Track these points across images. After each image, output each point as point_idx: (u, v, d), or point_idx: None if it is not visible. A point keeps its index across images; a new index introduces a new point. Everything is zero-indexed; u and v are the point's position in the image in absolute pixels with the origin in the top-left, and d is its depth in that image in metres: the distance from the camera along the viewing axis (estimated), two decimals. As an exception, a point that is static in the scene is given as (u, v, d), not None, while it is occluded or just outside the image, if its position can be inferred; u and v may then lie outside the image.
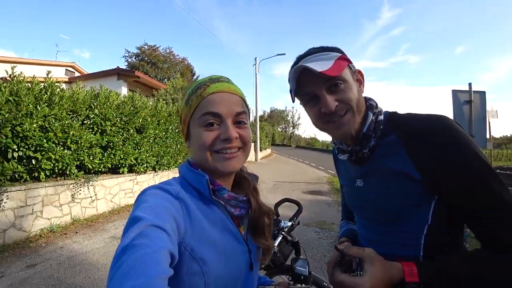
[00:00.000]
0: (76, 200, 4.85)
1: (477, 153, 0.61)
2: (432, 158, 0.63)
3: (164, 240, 0.45)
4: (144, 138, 6.55)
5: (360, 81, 0.76)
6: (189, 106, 0.65)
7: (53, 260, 3.36)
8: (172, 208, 0.53)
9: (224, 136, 0.61)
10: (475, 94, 4.06)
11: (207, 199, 0.63)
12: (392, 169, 0.69)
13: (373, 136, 0.73)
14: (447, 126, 0.64)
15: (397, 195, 0.69)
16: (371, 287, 0.60)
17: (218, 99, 0.63)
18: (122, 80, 13.07)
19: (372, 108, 0.75)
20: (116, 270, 0.39)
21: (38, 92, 4.29)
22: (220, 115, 0.62)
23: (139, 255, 0.40)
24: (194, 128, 0.65)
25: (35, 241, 3.93)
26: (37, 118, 4.04)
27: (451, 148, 0.61)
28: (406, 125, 0.70)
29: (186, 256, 0.54)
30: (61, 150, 4.44)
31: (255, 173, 0.79)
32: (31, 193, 4.09)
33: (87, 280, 2.91)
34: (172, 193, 0.57)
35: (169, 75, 28.84)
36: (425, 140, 0.64)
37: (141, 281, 0.36)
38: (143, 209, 0.50)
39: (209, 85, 0.64)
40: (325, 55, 0.70)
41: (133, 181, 6.37)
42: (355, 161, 0.77)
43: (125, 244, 0.42)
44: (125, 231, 0.46)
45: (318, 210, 5.66)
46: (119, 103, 6.01)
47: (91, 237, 4.20)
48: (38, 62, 14.94)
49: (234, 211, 0.66)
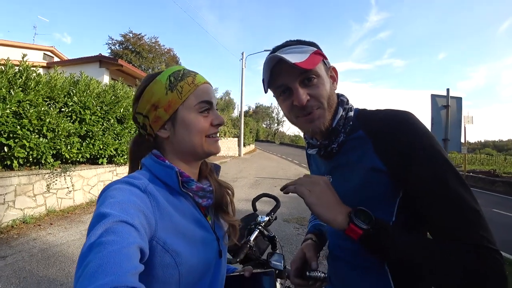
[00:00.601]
0: (51, 191, 4.69)
1: (437, 148, 0.63)
2: (396, 152, 0.64)
3: (133, 236, 0.44)
4: (125, 129, 6.40)
5: (334, 78, 0.77)
6: (178, 93, 0.65)
7: (25, 252, 3.24)
8: (140, 203, 0.52)
9: (217, 121, 0.69)
10: (452, 99, 4.22)
11: (175, 191, 0.64)
12: (359, 164, 0.71)
13: (342, 131, 0.74)
14: (410, 122, 0.65)
15: (363, 190, 0.70)
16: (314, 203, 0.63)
17: (207, 89, 0.70)
18: (104, 68, 12.61)
19: (343, 103, 0.76)
20: (84, 269, 0.37)
21: (12, 76, 4.08)
22: (212, 103, 0.69)
23: (107, 252, 0.39)
24: (187, 114, 0.66)
25: (6, 232, 3.77)
26: (10, 104, 3.85)
27: (413, 143, 0.63)
28: (372, 121, 0.71)
29: (158, 249, 0.54)
30: (36, 138, 4.26)
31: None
32: (2, 182, 3.91)
33: (60, 272, 2.83)
34: (140, 187, 0.56)
35: (154, 65, 28.15)
36: (389, 135, 0.66)
37: (111, 279, 0.35)
38: (109, 205, 0.48)
39: (195, 75, 0.69)
40: (301, 48, 0.71)
41: (112, 172, 6.23)
42: (324, 155, 0.78)
43: (92, 241, 0.41)
44: (91, 228, 0.44)
45: (298, 207, 5.77)
46: (100, 91, 5.83)
47: (67, 228, 4.08)
48: (14, 44, 14.14)
49: (202, 201, 0.68)
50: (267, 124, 69.11)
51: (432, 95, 4.24)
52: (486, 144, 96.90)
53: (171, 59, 31.00)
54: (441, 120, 4.20)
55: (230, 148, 20.17)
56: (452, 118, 4.23)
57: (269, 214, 1.56)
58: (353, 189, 0.72)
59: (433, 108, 4.21)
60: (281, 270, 1.22)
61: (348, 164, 0.74)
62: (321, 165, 0.84)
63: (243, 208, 4.84)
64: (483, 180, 12.42)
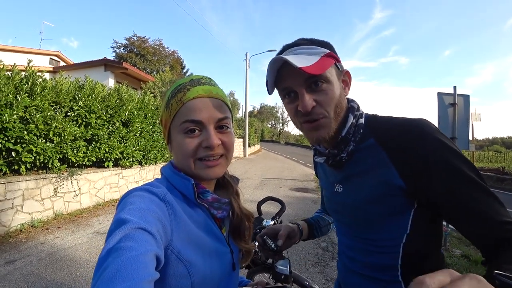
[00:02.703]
0: (59, 194, 4.73)
1: (462, 156, 0.60)
2: (416, 163, 0.60)
3: (150, 243, 0.44)
4: (131, 132, 6.43)
5: (346, 83, 0.72)
6: (169, 110, 0.63)
7: (34, 256, 3.27)
8: (158, 211, 0.53)
9: (206, 143, 0.61)
10: (459, 97, 4.14)
11: (191, 202, 0.63)
12: (371, 175, 0.67)
13: (352, 140, 0.70)
14: (429, 130, 0.62)
15: (376, 202, 0.66)
16: None
17: (199, 105, 0.61)
18: (110, 71, 12.74)
19: (353, 110, 0.71)
20: (101, 273, 0.38)
21: (18, 82, 4.13)
22: (201, 122, 0.61)
23: (125, 258, 0.39)
24: (175, 134, 0.64)
25: (15, 236, 3.81)
26: (17, 109, 3.89)
27: (435, 156, 0.59)
28: (386, 129, 0.67)
29: (173, 258, 0.54)
30: (42, 143, 4.30)
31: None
32: (10, 187, 3.96)
33: (68, 276, 2.85)
34: (159, 195, 0.56)
35: (158, 67, 28.28)
36: (408, 147, 0.62)
37: (127, 285, 0.36)
38: (128, 211, 0.49)
39: (190, 89, 0.62)
40: (312, 49, 0.66)
41: (118, 175, 6.26)
42: (333, 165, 0.74)
43: (110, 247, 0.41)
44: (110, 233, 0.45)
45: (305, 208, 5.72)
46: (104, 95, 5.87)
47: (74, 232, 4.11)
48: (21, 50, 14.35)
49: (217, 213, 0.67)
50: (272, 124, 69.05)
51: (439, 93, 4.17)
52: (495, 141, 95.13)
53: (176, 61, 31.14)
54: (448, 118, 4.12)
55: (235, 149, 20.09)
56: (460, 116, 4.15)
57: (275, 218, 1.54)
58: (366, 201, 0.69)
59: (439, 106, 4.14)
60: (287, 275, 1.20)
61: (360, 174, 0.70)
62: (330, 174, 0.81)
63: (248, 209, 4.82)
64: (491, 178, 12.19)
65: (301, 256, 3.44)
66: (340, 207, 0.78)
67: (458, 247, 3.83)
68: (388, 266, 0.69)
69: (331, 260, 3.33)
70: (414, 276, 0.62)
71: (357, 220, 0.73)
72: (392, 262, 0.68)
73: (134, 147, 6.50)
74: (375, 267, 0.69)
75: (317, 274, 2.99)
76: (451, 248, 3.78)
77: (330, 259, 3.37)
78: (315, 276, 2.94)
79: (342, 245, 0.83)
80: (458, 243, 4.04)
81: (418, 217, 0.65)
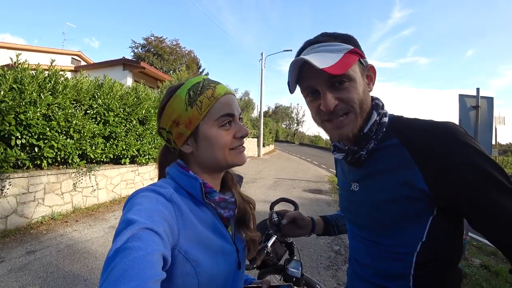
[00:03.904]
0: (77, 189, 4.90)
1: (491, 160, 0.57)
2: (442, 166, 0.57)
3: (157, 243, 0.45)
4: (147, 130, 6.57)
5: (371, 78, 0.70)
6: (198, 107, 0.64)
7: (53, 248, 3.40)
8: (165, 211, 0.53)
9: (241, 133, 0.67)
10: (483, 99, 3.96)
11: (198, 201, 0.64)
12: (392, 175, 0.64)
13: (373, 138, 0.67)
14: (457, 133, 0.59)
15: (394, 205, 0.64)
16: None
17: (230, 100, 0.67)
18: (128, 70, 13.07)
19: (377, 108, 0.69)
20: (109, 273, 0.39)
21: (42, 81, 4.30)
22: (234, 115, 0.67)
23: (132, 258, 0.40)
24: (207, 129, 0.65)
25: (36, 228, 3.98)
26: (40, 107, 4.06)
27: (463, 156, 0.56)
28: (412, 130, 0.64)
29: (179, 258, 0.54)
30: (63, 139, 4.46)
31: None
32: (33, 181, 4.13)
33: (84, 268, 2.94)
34: (165, 195, 0.57)
35: (175, 67, 28.79)
36: (434, 147, 0.59)
37: (134, 284, 0.37)
38: (136, 211, 0.50)
39: (215, 86, 0.66)
40: (335, 46, 0.64)
41: (134, 172, 6.41)
42: (351, 162, 0.73)
43: (118, 246, 0.42)
44: (117, 233, 0.45)
45: (318, 209, 5.65)
46: (122, 93, 6.02)
47: (91, 226, 4.24)
48: (45, 50, 14.97)
49: (224, 212, 0.68)
50: (287, 124, 68.76)
51: (460, 95, 4.00)
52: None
53: (192, 60, 31.58)
54: (470, 121, 3.95)
55: (250, 149, 20.23)
56: (483, 119, 3.97)
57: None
58: (382, 201, 0.66)
59: (461, 108, 3.97)
60: (298, 278, 1.18)
61: (379, 173, 0.68)
62: (348, 171, 0.79)
63: (262, 209, 4.82)
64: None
65: (313, 259, 3.39)
66: (354, 207, 0.76)
67: (477, 257, 3.66)
68: (399, 275, 0.66)
69: (343, 264, 3.27)
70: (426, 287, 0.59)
71: (370, 221, 0.71)
72: (404, 271, 0.65)
73: (150, 145, 6.64)
74: (386, 274, 0.67)
75: (329, 277, 2.94)
76: (470, 257, 3.62)
77: (343, 263, 3.30)
78: (327, 279, 2.90)
79: (353, 250, 0.80)
80: (478, 253, 3.86)
81: (436, 226, 0.61)
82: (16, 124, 3.80)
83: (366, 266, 0.73)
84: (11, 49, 11.72)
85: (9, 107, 3.64)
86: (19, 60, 4.15)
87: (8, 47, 12.70)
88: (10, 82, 3.77)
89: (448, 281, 0.64)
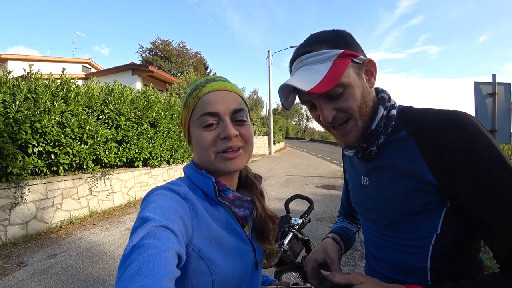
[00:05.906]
0: (93, 193, 5.01)
1: (500, 155, 0.53)
2: (447, 158, 0.55)
3: (172, 241, 0.45)
4: (158, 132, 6.65)
5: (371, 73, 0.66)
6: (187, 108, 0.65)
7: (72, 251, 3.49)
8: (180, 209, 0.54)
9: (223, 134, 0.60)
10: (499, 86, 3.80)
11: (213, 200, 0.64)
12: (401, 169, 0.63)
13: (382, 133, 0.66)
14: (467, 124, 0.56)
15: (405, 199, 0.62)
16: None
17: (214, 97, 0.62)
18: (137, 75, 13.28)
19: (384, 101, 0.67)
20: (125, 270, 0.39)
21: (54, 89, 4.41)
22: (218, 114, 0.61)
23: (148, 255, 0.40)
24: (193, 130, 0.65)
25: (56, 232, 4.10)
26: (54, 114, 4.16)
27: (471, 150, 0.54)
28: (419, 121, 0.62)
29: (193, 256, 0.54)
30: (78, 145, 4.57)
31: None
32: (51, 186, 4.25)
33: (103, 270, 3.00)
34: (180, 194, 0.58)
35: (183, 69, 29.06)
36: (441, 139, 0.57)
37: (149, 281, 0.37)
38: (151, 209, 0.50)
39: (205, 85, 0.64)
40: (323, 54, 0.61)
41: (148, 174, 6.51)
42: (362, 158, 0.72)
43: (134, 244, 0.43)
44: (133, 231, 0.46)
45: (332, 205, 5.61)
46: (133, 98, 6.11)
47: (108, 229, 4.33)
48: (56, 60, 15.40)
49: (239, 211, 0.66)
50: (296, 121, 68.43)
51: (475, 82, 3.86)
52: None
53: (199, 61, 31.80)
54: (487, 109, 3.80)
55: (260, 147, 20.23)
56: (500, 106, 3.81)
57: (303, 216, 1.51)
58: (392, 195, 0.65)
59: (476, 96, 3.83)
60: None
61: (388, 167, 0.66)
62: (357, 165, 0.78)
63: (275, 207, 4.80)
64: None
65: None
66: (366, 201, 0.74)
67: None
68: (416, 268, 0.64)
69: (360, 260, 3.22)
70: (446, 281, 0.57)
71: (382, 216, 0.69)
72: (421, 264, 0.63)
73: (162, 147, 6.72)
74: (402, 269, 0.65)
75: (346, 273, 2.90)
76: (484, 260, 3.50)
77: (360, 259, 3.25)
78: (344, 275, 2.86)
79: (369, 244, 0.79)
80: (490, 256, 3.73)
81: (451, 217, 0.59)
82: (32, 133, 3.91)
83: (382, 261, 0.71)
84: (25, 61, 12.08)
85: (25, 116, 3.75)
86: (32, 70, 4.27)
87: (22, 59, 13.13)
88: (25, 92, 3.87)
89: (467, 274, 0.62)
